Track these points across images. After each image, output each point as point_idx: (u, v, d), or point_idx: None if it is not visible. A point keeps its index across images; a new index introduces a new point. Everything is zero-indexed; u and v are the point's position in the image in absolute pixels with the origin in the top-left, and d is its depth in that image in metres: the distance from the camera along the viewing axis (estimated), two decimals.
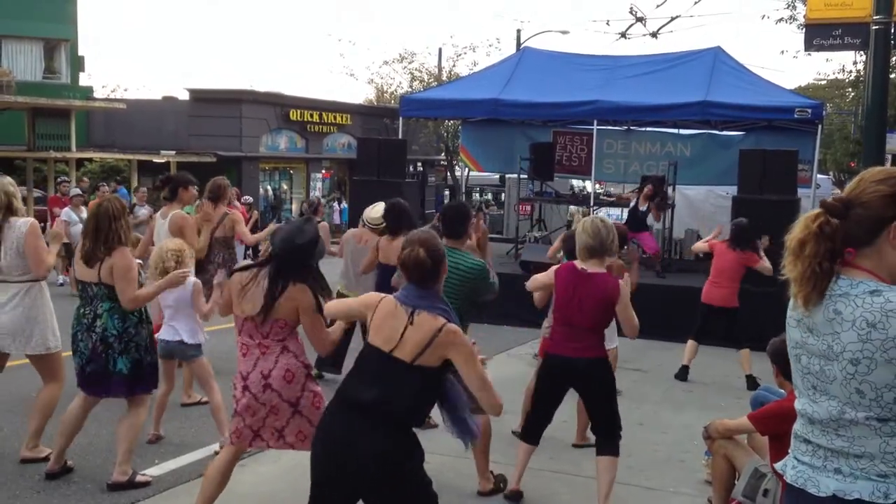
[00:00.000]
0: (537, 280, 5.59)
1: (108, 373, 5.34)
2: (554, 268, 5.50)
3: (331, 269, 8.59)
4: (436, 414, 4.00)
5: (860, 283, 2.23)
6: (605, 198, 16.93)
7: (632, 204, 13.85)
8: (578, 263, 5.26)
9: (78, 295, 5.53)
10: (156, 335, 6.66)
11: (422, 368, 3.48)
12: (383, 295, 3.69)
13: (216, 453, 5.61)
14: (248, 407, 4.44)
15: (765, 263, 8.89)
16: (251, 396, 4.42)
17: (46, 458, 5.71)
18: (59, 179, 18.54)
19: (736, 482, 4.86)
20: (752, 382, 8.76)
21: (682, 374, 9.19)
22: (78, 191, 15.29)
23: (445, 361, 3.52)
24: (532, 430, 5.60)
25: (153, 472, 5.72)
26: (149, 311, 5.67)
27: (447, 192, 34.31)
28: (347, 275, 8.24)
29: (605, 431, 5.33)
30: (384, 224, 7.68)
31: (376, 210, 7.90)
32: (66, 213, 13.94)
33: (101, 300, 5.34)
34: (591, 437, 5.94)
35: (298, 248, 4.42)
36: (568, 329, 5.25)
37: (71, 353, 5.50)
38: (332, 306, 4.16)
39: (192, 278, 6.15)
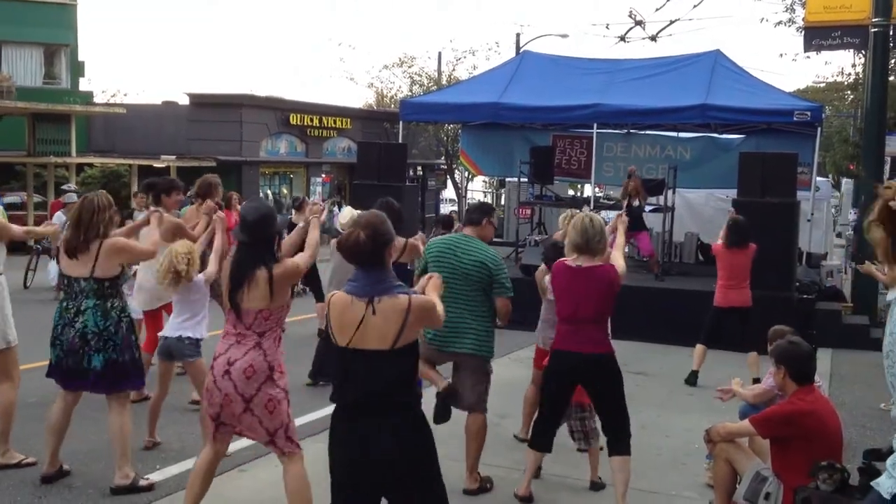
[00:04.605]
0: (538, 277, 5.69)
1: (83, 369, 5.33)
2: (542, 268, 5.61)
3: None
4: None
5: None
6: (605, 201, 16.96)
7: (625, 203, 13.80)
8: (571, 261, 5.30)
9: (62, 290, 5.47)
10: (158, 333, 6.61)
11: (402, 348, 3.52)
12: (330, 295, 3.67)
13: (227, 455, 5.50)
14: (207, 390, 4.48)
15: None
16: (211, 379, 4.45)
17: (20, 465, 5.74)
18: (61, 187, 18.56)
19: (738, 486, 4.86)
20: None
21: (692, 378, 9.10)
22: (75, 196, 15.29)
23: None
24: (541, 436, 5.52)
25: (155, 477, 5.72)
26: (128, 309, 5.63)
27: (446, 200, 34.19)
28: (333, 279, 8.30)
29: (615, 431, 5.31)
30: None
31: (343, 215, 8.15)
32: (57, 216, 13.83)
33: (87, 296, 5.33)
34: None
35: (254, 224, 4.40)
36: (571, 325, 5.25)
37: (49, 345, 5.47)
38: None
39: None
